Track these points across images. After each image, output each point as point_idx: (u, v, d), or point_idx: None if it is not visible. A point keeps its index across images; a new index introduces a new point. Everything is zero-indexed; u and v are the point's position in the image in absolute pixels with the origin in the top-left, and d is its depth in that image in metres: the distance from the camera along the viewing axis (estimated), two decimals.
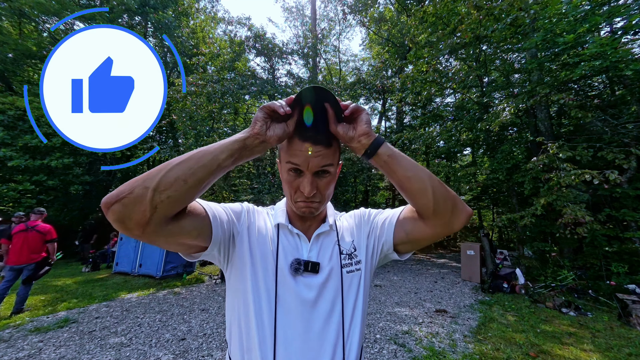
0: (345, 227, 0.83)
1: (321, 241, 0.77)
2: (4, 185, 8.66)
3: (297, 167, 0.67)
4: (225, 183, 7.36)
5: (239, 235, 0.73)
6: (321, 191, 0.69)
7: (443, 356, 3.06)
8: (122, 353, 3.03)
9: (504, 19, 6.24)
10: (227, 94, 7.85)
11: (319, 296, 0.70)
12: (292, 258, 0.71)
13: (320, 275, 0.72)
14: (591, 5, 5.57)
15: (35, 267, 4.18)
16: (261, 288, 0.68)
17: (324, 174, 0.69)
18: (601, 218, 5.55)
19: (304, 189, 0.67)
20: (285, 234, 0.76)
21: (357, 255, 0.78)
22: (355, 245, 0.79)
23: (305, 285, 0.70)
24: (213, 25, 16.32)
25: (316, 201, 0.69)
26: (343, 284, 0.73)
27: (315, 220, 0.79)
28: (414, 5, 11.03)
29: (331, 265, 0.74)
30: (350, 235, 0.81)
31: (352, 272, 0.75)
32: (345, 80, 14.25)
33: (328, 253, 0.75)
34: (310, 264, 0.71)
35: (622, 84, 6.51)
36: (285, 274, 0.70)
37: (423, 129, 10.70)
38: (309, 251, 0.75)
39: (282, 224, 0.76)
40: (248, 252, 0.71)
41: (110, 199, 0.51)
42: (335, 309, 0.70)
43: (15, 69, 10.31)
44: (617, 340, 3.57)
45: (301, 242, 0.76)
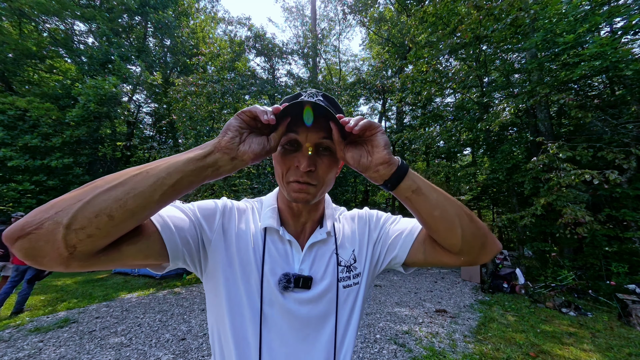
0: (346, 232, 0.71)
1: (316, 251, 0.66)
2: (4, 185, 8.67)
3: (294, 139, 0.56)
4: (225, 183, 7.36)
5: (211, 243, 0.60)
6: (319, 172, 0.57)
7: (443, 356, 3.06)
8: (122, 353, 3.03)
9: (504, 19, 6.24)
10: (227, 94, 7.85)
11: (310, 314, 0.61)
12: (280, 272, 0.61)
13: (313, 291, 0.62)
14: (591, 5, 5.57)
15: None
16: (243, 305, 0.59)
17: (325, 151, 0.58)
18: (601, 218, 5.55)
19: (299, 163, 0.55)
20: (274, 240, 0.64)
21: (357, 267, 0.68)
22: (355, 256, 0.69)
23: (295, 302, 0.60)
24: (213, 25, 16.32)
25: (312, 184, 0.56)
26: (338, 300, 0.63)
27: (311, 219, 0.67)
28: (414, 5, 11.03)
29: (326, 280, 0.64)
30: (350, 243, 0.70)
31: (349, 286, 0.65)
32: (345, 80, 14.26)
33: (323, 265, 0.65)
34: (301, 279, 0.60)
35: (622, 84, 6.51)
36: (272, 289, 0.60)
37: (423, 129, 10.71)
38: (301, 262, 0.63)
39: (271, 228, 0.64)
40: (225, 262, 0.60)
41: (13, 233, 0.38)
42: (327, 326, 0.62)
43: (15, 69, 10.31)
44: (617, 340, 3.57)
45: (292, 250, 0.65)
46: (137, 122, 14.60)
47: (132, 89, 13.31)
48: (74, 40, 12.22)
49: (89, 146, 10.97)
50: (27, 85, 10.88)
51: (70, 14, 11.05)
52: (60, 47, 11.47)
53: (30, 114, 9.13)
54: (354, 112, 14.21)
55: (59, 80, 11.47)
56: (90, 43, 12.55)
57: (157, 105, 14.21)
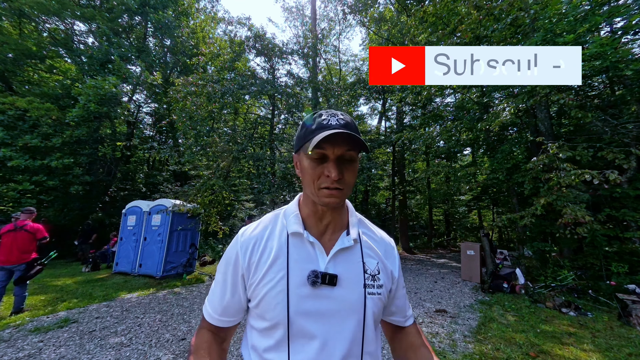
0: (371, 244, 0.75)
1: (342, 256, 0.69)
2: (4, 185, 8.66)
3: (323, 153, 0.62)
4: (225, 183, 7.36)
5: (249, 286, 0.68)
6: (346, 179, 0.63)
7: (443, 356, 3.06)
8: (122, 353, 3.03)
9: (504, 19, 6.24)
10: (227, 94, 7.84)
11: (337, 308, 0.64)
12: (307, 270, 0.65)
13: (339, 288, 0.65)
14: (591, 5, 5.57)
15: (25, 268, 4.14)
16: (269, 309, 0.64)
17: (349, 161, 0.64)
18: (601, 218, 5.55)
19: (329, 173, 0.61)
20: (297, 244, 0.68)
21: (381, 278, 0.71)
22: (379, 269, 0.72)
23: (323, 296, 0.64)
24: (213, 25, 16.31)
25: (340, 188, 0.62)
26: (366, 306, 0.66)
27: (333, 220, 0.71)
28: (414, 5, 11.02)
29: (352, 282, 0.66)
30: (376, 255, 0.73)
31: (374, 294, 0.67)
32: (345, 80, 14.27)
33: (349, 269, 0.68)
34: (327, 276, 0.64)
35: (622, 84, 6.51)
36: (298, 287, 0.64)
37: (423, 129, 10.71)
38: (327, 263, 0.66)
39: (296, 232, 0.68)
40: (257, 284, 0.66)
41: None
42: (351, 323, 0.64)
43: (15, 69, 10.31)
44: (617, 340, 3.57)
45: (316, 251, 0.68)
46: (137, 122, 14.60)
47: (132, 89, 13.30)
48: (74, 40, 12.21)
49: (89, 146, 10.96)
50: (27, 85, 10.86)
51: (70, 14, 11.03)
52: (60, 47, 11.46)
53: (30, 114, 9.13)
54: (354, 112, 14.24)
55: (59, 80, 11.46)
56: (90, 43, 12.54)
57: (157, 105, 14.20)
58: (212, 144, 7.57)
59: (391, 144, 12.97)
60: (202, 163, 7.92)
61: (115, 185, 12.55)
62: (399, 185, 13.55)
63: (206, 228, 7.75)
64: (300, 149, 0.68)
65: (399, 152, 13.82)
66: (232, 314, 0.71)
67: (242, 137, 8.63)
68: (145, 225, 7.16)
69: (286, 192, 9.38)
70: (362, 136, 5.60)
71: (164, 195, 8.16)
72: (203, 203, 7.08)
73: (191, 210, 7.16)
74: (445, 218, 19.65)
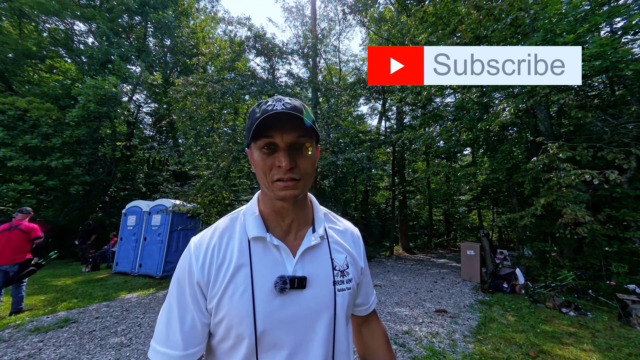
0: (338, 238, 0.73)
1: (309, 254, 0.65)
2: (4, 185, 8.67)
3: (271, 142, 0.57)
4: (225, 183, 7.36)
5: (209, 301, 0.60)
6: (300, 167, 0.58)
7: (443, 356, 3.06)
8: (122, 353, 3.03)
9: (504, 19, 6.24)
10: (227, 94, 7.84)
11: (306, 312, 0.60)
12: (273, 277, 0.59)
13: (308, 290, 0.61)
14: (591, 5, 5.57)
15: (18, 269, 4.08)
16: (234, 325, 0.57)
17: (302, 147, 0.59)
18: (601, 218, 5.54)
19: (280, 162, 0.56)
20: (261, 249, 0.63)
21: (349, 273, 0.68)
22: (348, 263, 0.70)
23: (291, 302, 0.59)
24: (213, 25, 16.33)
25: (296, 178, 0.57)
26: (336, 303, 0.63)
27: (297, 217, 0.67)
28: (414, 5, 11.02)
29: (321, 281, 0.63)
30: (344, 250, 0.71)
31: (344, 290, 0.65)
32: (345, 80, 14.26)
33: (318, 267, 0.64)
34: (296, 279, 0.60)
35: (622, 84, 6.50)
36: (266, 297, 0.58)
37: (423, 129, 10.70)
38: (294, 265, 0.62)
39: (257, 237, 0.63)
40: (215, 300, 0.59)
41: None
42: (322, 325, 0.61)
43: (15, 69, 10.31)
44: (617, 340, 3.57)
45: (282, 254, 0.63)
46: (137, 122, 14.59)
47: (132, 89, 13.30)
48: (74, 40, 12.21)
49: (89, 146, 10.96)
50: (27, 85, 10.87)
51: (70, 14, 11.03)
52: (60, 47, 11.47)
53: (30, 114, 9.13)
54: (354, 112, 14.23)
55: (59, 80, 11.47)
56: (90, 43, 12.54)
57: (157, 105, 14.20)
58: (212, 144, 7.57)
59: (391, 144, 12.96)
60: (202, 163, 7.92)
61: (115, 185, 12.55)
62: (399, 185, 13.55)
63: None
64: (250, 142, 0.61)
65: (399, 152, 13.82)
66: (199, 339, 0.60)
67: (242, 137, 8.63)
68: (145, 225, 7.16)
69: None
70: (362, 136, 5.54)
71: (164, 195, 8.16)
72: (203, 203, 7.08)
73: (191, 210, 7.16)
74: (445, 218, 19.65)
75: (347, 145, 9.59)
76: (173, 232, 6.93)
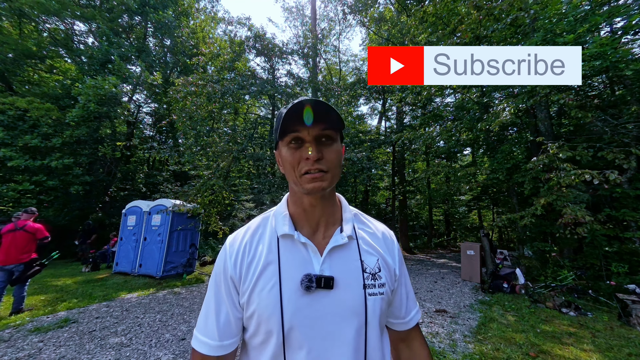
0: (369, 239, 0.69)
1: (337, 255, 0.64)
2: (4, 185, 8.67)
3: (297, 136, 0.58)
4: (225, 183, 7.36)
5: (241, 295, 0.62)
6: (327, 158, 0.59)
7: (443, 356, 3.06)
8: (122, 353, 3.03)
9: (504, 19, 6.24)
10: (227, 94, 7.84)
11: (334, 312, 0.59)
12: (300, 275, 0.60)
13: (336, 291, 0.59)
14: (591, 5, 5.57)
15: (23, 268, 4.13)
16: (263, 320, 0.59)
17: (328, 139, 0.60)
18: (601, 218, 5.54)
19: (307, 154, 0.58)
20: (289, 246, 0.64)
21: (382, 277, 0.65)
22: (380, 266, 0.66)
23: (318, 301, 0.59)
24: (213, 25, 16.33)
25: (323, 169, 0.58)
26: (367, 308, 0.60)
27: (325, 216, 0.66)
28: (414, 5, 11.03)
29: (350, 283, 0.61)
30: (375, 252, 0.68)
31: (375, 295, 0.62)
32: (345, 80, 14.26)
33: (346, 269, 0.62)
34: (322, 279, 0.59)
35: (622, 84, 6.50)
36: (292, 294, 0.59)
37: (423, 129, 10.69)
38: (321, 264, 0.61)
39: (286, 235, 0.64)
40: (247, 295, 0.61)
41: None
42: (351, 328, 0.59)
43: (15, 69, 10.31)
44: (617, 340, 3.57)
45: (309, 252, 0.63)
46: (137, 122, 14.59)
47: (132, 89, 13.30)
48: (74, 40, 12.21)
49: (89, 146, 10.96)
50: (27, 85, 10.87)
51: (70, 14, 11.03)
52: (60, 47, 11.47)
53: (30, 114, 9.13)
54: (354, 112, 14.22)
55: (59, 80, 11.47)
56: (90, 43, 12.55)
57: (157, 105, 14.20)
58: (212, 144, 7.57)
59: (391, 144, 12.97)
60: (202, 163, 7.92)
61: (115, 185, 12.55)
62: (399, 185, 13.55)
63: (206, 228, 7.74)
64: (277, 142, 0.64)
65: (399, 152, 13.82)
66: (234, 332, 0.63)
67: (242, 137, 8.63)
68: (145, 225, 7.17)
69: (286, 192, 9.37)
70: (362, 136, 5.57)
71: (164, 195, 8.16)
72: (203, 203, 7.08)
73: (191, 210, 7.16)
74: (445, 218, 19.66)
75: (347, 146, 9.59)
76: (173, 232, 6.93)
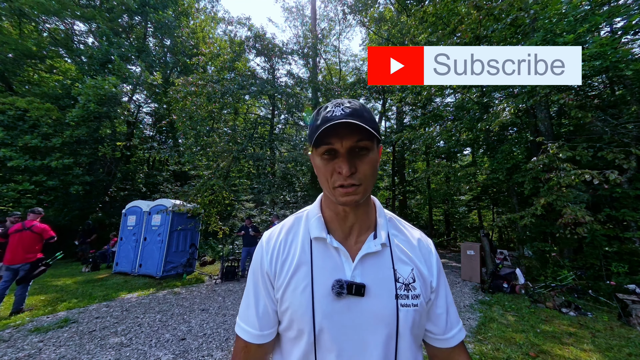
0: (404, 247, 0.67)
1: (369, 262, 0.63)
2: (3, 185, 8.67)
3: (331, 148, 0.57)
4: (225, 183, 7.36)
5: (276, 290, 0.64)
6: (361, 172, 0.57)
7: None
8: (122, 353, 3.03)
9: (504, 19, 6.24)
10: (227, 94, 7.84)
11: (364, 319, 0.58)
12: (332, 279, 0.59)
13: (367, 299, 0.59)
14: (591, 5, 5.57)
15: (29, 268, 4.18)
16: (301, 320, 0.59)
17: (362, 151, 0.58)
18: (601, 218, 5.55)
19: (340, 169, 0.56)
20: (322, 250, 0.64)
21: (416, 287, 0.62)
22: (415, 276, 0.63)
23: (349, 308, 0.58)
24: (213, 25, 16.33)
25: (356, 184, 0.57)
26: (399, 320, 0.58)
27: (359, 221, 0.65)
28: (414, 5, 11.03)
29: (382, 292, 0.60)
30: (410, 261, 0.65)
31: (408, 306, 0.60)
32: (345, 80, 14.26)
33: (378, 277, 0.61)
34: (354, 286, 0.58)
35: (622, 84, 6.50)
36: (323, 298, 0.59)
37: (423, 129, 10.70)
38: (353, 270, 0.61)
39: (319, 237, 0.64)
40: (281, 292, 0.63)
41: None
42: (381, 336, 0.58)
43: (15, 69, 10.31)
44: (617, 340, 3.57)
45: (341, 257, 0.62)
46: (137, 122, 14.58)
47: (132, 89, 13.30)
48: (74, 40, 12.21)
49: (89, 146, 10.96)
50: (27, 85, 10.87)
51: (70, 14, 11.03)
52: (60, 47, 11.47)
53: (30, 114, 9.13)
54: None
55: (59, 80, 11.47)
56: (90, 43, 12.55)
57: (157, 105, 14.20)
58: (212, 144, 7.57)
59: (391, 144, 12.97)
60: (202, 163, 7.93)
61: (115, 185, 12.55)
62: (399, 185, 13.56)
63: (206, 228, 7.75)
64: (312, 147, 0.62)
65: (399, 152, 13.82)
66: (272, 323, 0.65)
67: (242, 137, 8.63)
68: (145, 225, 7.17)
69: (286, 192, 9.37)
70: None
71: (164, 195, 8.16)
72: (203, 203, 7.08)
73: (191, 210, 7.16)
74: (445, 218, 19.64)
75: None
76: (173, 232, 6.94)
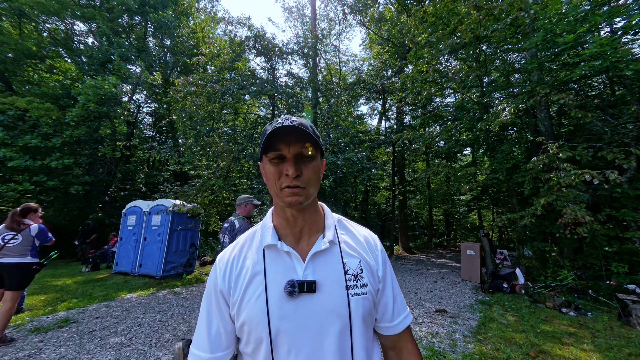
0: (351, 242, 0.72)
1: (319, 259, 0.67)
2: (4, 185, 8.66)
3: (279, 154, 0.62)
4: (225, 183, 7.36)
5: (232, 307, 0.66)
6: (305, 176, 0.63)
7: (443, 356, 3.06)
8: (122, 353, 3.03)
9: (504, 19, 6.24)
10: (227, 94, 7.84)
11: (318, 314, 0.61)
12: (284, 281, 0.63)
13: (319, 294, 0.62)
14: (591, 5, 5.57)
15: None
16: (259, 325, 0.61)
17: (306, 158, 0.64)
18: (601, 218, 5.54)
19: (287, 171, 0.61)
20: (273, 256, 0.67)
21: (364, 277, 0.67)
22: (362, 267, 0.68)
23: (302, 305, 0.61)
24: (213, 25, 16.34)
25: (301, 186, 0.62)
26: (350, 309, 0.62)
27: (307, 224, 0.70)
28: (414, 5, 11.03)
29: (333, 285, 0.64)
30: (357, 254, 0.70)
31: (358, 295, 0.64)
32: (345, 80, 14.25)
33: (328, 272, 0.65)
34: (305, 283, 0.62)
35: (622, 84, 6.50)
36: (277, 300, 0.62)
37: (423, 129, 10.71)
38: (304, 270, 0.65)
39: (270, 245, 0.67)
40: (236, 306, 0.65)
41: None
42: (334, 329, 0.61)
43: (15, 69, 10.30)
44: (617, 340, 3.57)
45: (293, 260, 0.66)
46: (137, 122, 14.59)
47: (132, 89, 13.30)
48: (74, 40, 12.20)
49: (89, 146, 10.95)
50: (27, 85, 10.86)
51: (70, 14, 11.03)
52: (60, 47, 11.46)
53: (30, 114, 9.12)
54: (354, 112, 14.23)
55: (59, 80, 11.46)
56: (90, 43, 12.54)
57: (157, 105, 14.20)
58: (212, 144, 7.57)
59: (391, 144, 12.96)
60: (202, 163, 7.92)
61: (115, 185, 12.55)
62: (399, 185, 13.56)
63: (206, 228, 7.75)
64: (261, 156, 0.68)
65: (399, 152, 13.82)
66: (224, 344, 0.66)
67: (242, 137, 8.63)
68: (145, 225, 7.17)
69: None
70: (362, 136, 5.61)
71: (164, 195, 8.15)
72: (203, 203, 7.08)
73: (191, 210, 7.16)
74: (445, 218, 19.65)
75: (347, 145, 9.58)
76: (173, 232, 6.93)
